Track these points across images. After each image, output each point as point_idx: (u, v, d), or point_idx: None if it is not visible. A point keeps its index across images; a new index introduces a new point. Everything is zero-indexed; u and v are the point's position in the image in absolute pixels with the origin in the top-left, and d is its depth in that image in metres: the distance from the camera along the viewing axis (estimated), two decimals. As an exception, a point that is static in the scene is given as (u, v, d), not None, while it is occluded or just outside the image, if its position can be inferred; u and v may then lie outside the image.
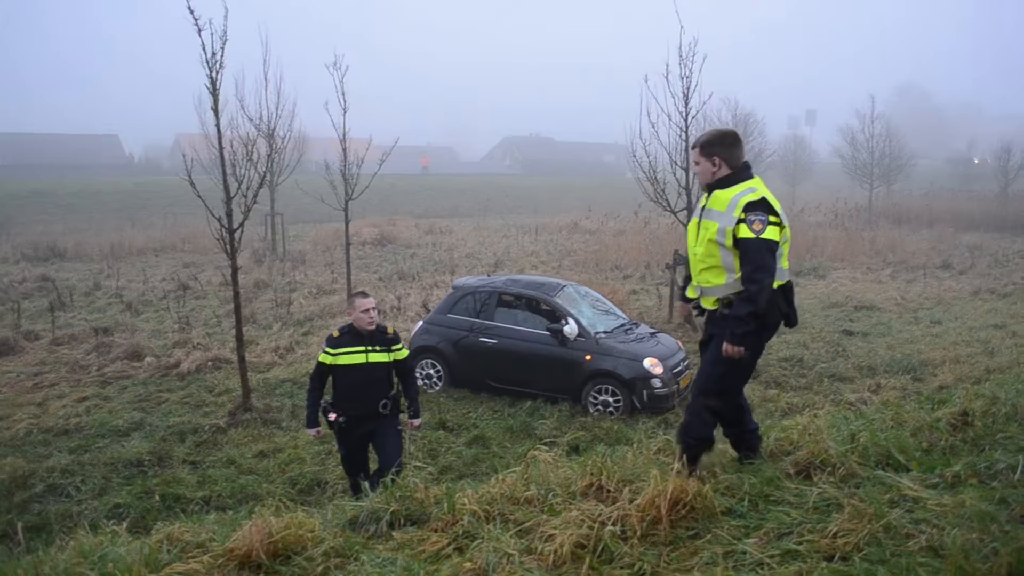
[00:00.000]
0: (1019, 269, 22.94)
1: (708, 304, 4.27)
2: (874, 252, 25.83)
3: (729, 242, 4.02)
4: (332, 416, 6.20)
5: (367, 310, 6.24)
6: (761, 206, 4.01)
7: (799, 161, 55.22)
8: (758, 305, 3.96)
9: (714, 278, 4.15)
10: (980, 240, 30.02)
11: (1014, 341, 13.18)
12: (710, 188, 4.23)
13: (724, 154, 4.18)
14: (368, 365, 6.22)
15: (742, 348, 4.01)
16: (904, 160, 43.60)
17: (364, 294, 6.42)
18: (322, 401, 6.35)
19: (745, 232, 3.97)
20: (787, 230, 4.16)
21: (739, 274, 4.04)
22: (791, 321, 4.24)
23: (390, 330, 6.46)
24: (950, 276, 21.86)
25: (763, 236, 3.95)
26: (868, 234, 28.86)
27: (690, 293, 4.46)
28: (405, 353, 6.48)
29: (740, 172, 4.17)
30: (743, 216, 3.98)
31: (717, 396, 4.22)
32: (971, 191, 46.12)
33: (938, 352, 12.54)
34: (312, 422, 6.43)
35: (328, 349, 6.26)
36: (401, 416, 6.47)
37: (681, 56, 13.83)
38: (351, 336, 6.29)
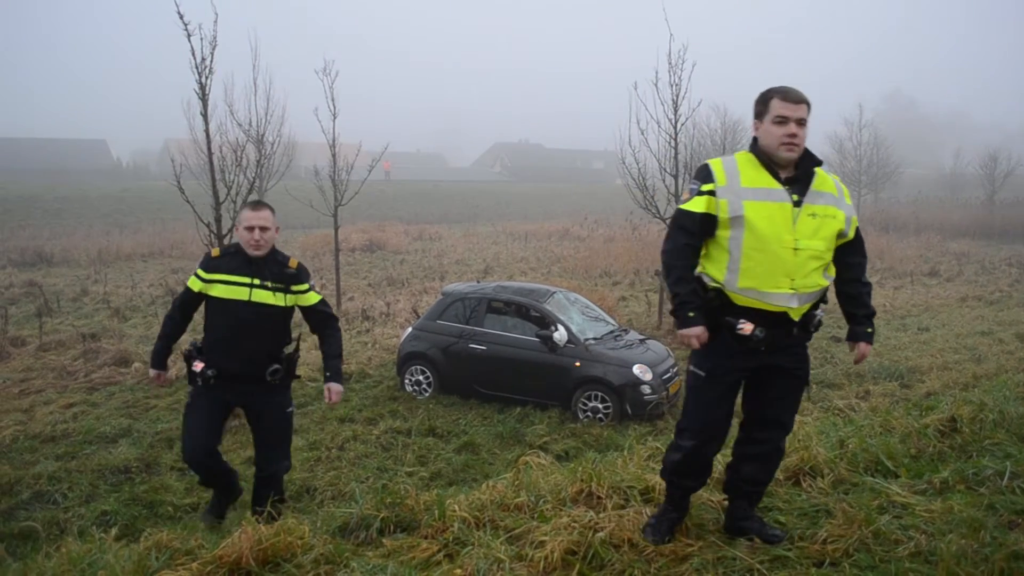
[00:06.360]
0: (1006, 276, 23.15)
1: (797, 315, 3.29)
2: (862, 259, 25.93)
3: (852, 233, 3.36)
4: (198, 366, 4.53)
5: (252, 227, 4.46)
6: None
7: (787, 168, 55.47)
8: None
9: (820, 278, 3.31)
10: (967, 247, 30.29)
11: (1001, 348, 13.28)
12: (801, 164, 3.21)
13: None
14: (250, 305, 4.47)
15: None
16: (892, 168, 43.96)
17: (257, 205, 4.61)
18: (191, 342, 4.69)
19: (856, 221, 3.38)
20: None
21: (833, 270, 3.44)
22: None
23: (293, 264, 4.70)
24: (937, 283, 22.02)
25: None
26: (856, 241, 28.99)
27: (792, 314, 3.27)
28: (315, 298, 4.83)
29: None
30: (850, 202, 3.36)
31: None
32: (958, 199, 46.51)
33: (926, 359, 12.62)
34: (157, 361, 4.80)
35: (199, 271, 4.55)
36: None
37: (671, 63, 13.92)
38: (234, 259, 4.53)
